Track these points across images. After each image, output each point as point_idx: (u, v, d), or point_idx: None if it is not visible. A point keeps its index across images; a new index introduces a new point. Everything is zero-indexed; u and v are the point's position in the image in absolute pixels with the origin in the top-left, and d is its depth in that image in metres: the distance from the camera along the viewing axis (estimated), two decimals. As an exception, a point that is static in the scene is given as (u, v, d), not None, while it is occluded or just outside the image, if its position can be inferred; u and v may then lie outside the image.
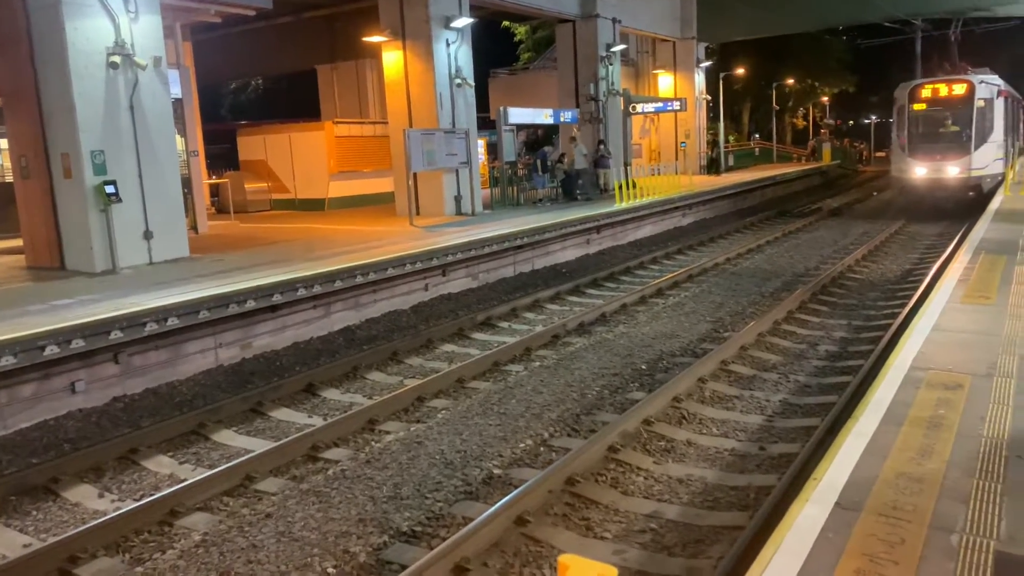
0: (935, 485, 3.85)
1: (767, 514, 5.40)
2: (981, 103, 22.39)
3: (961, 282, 9.03)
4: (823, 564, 3.17)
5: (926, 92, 23.18)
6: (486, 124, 29.14)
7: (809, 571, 3.12)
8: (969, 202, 22.36)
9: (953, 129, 22.85)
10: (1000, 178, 22.66)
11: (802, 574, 3.10)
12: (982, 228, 13.81)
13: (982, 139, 22.47)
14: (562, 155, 25.08)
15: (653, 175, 26.26)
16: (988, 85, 22.77)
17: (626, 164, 26.66)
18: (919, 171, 23.01)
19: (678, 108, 30.26)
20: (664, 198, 22.96)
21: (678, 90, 34.55)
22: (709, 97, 38.20)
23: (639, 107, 29.35)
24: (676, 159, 32.45)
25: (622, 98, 27.29)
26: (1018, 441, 4.35)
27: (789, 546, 3.30)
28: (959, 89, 22.79)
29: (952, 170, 22.58)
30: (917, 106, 23.25)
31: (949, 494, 3.75)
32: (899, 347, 6.42)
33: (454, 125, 19.50)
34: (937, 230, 21.46)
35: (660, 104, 31.22)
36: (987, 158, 22.58)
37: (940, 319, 7.29)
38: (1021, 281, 8.86)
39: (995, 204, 18.60)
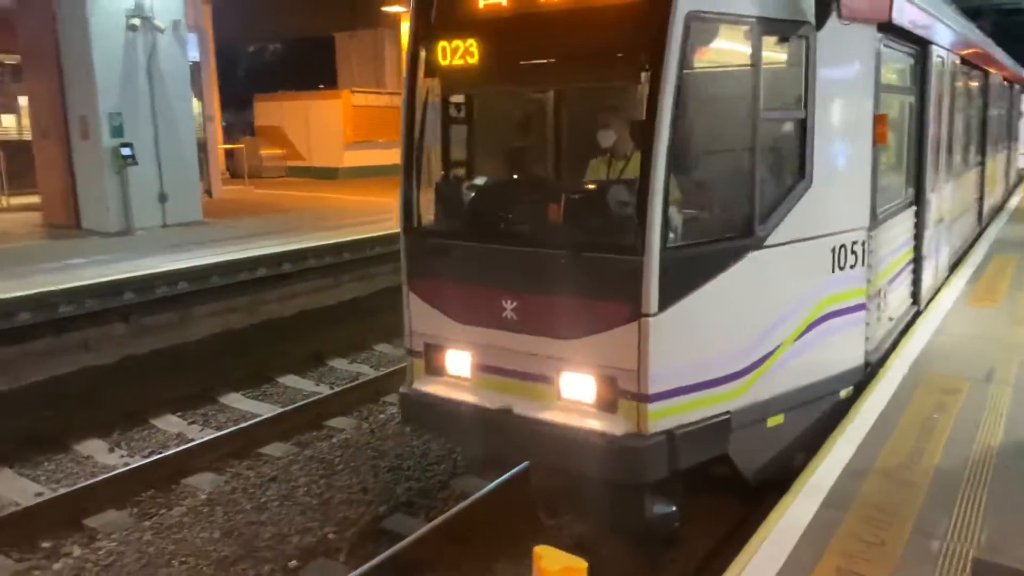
0: (922, 489, 3.95)
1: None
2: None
3: (970, 283, 9.06)
4: (805, 560, 3.29)
5: None
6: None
7: (792, 565, 3.25)
8: None
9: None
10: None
11: (785, 568, 3.23)
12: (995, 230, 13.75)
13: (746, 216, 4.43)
14: None
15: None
16: None
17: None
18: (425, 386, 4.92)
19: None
20: None
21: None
22: None
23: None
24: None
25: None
26: (1008, 450, 4.44)
27: (775, 540, 3.42)
28: None
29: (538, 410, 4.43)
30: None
31: (935, 499, 3.85)
32: (900, 348, 6.49)
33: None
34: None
35: None
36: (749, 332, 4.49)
37: (944, 321, 7.34)
38: (1028, 287, 8.78)
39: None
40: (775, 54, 4.66)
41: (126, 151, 12.48)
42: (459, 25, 4.67)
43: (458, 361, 4.79)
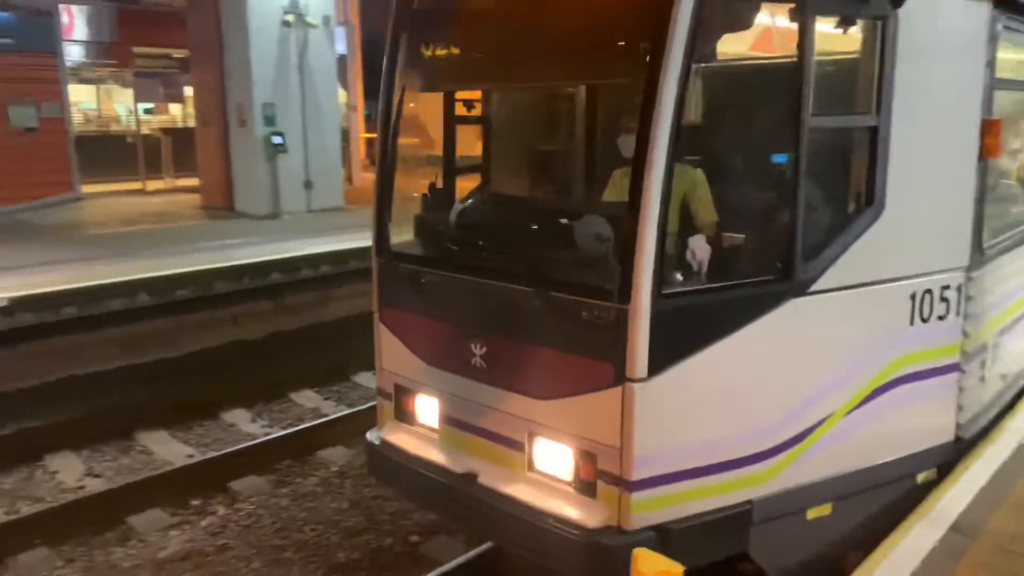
0: (1065, 520, 3.71)
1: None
2: None
3: None
4: (928, 583, 3.18)
5: None
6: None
7: (912, 588, 3.14)
8: None
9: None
10: None
11: (904, 590, 3.13)
12: None
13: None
14: None
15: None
16: None
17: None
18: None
19: None
20: None
21: None
22: None
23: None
24: None
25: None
26: None
27: (895, 561, 3.32)
28: None
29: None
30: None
31: (1079, 531, 3.61)
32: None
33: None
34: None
35: None
36: None
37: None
38: None
39: None
40: (833, 41, 3.70)
41: (277, 139, 13.33)
42: (444, 9, 3.97)
43: (427, 409, 4.10)
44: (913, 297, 3.84)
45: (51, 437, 6.81)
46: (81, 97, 20.27)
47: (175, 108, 21.36)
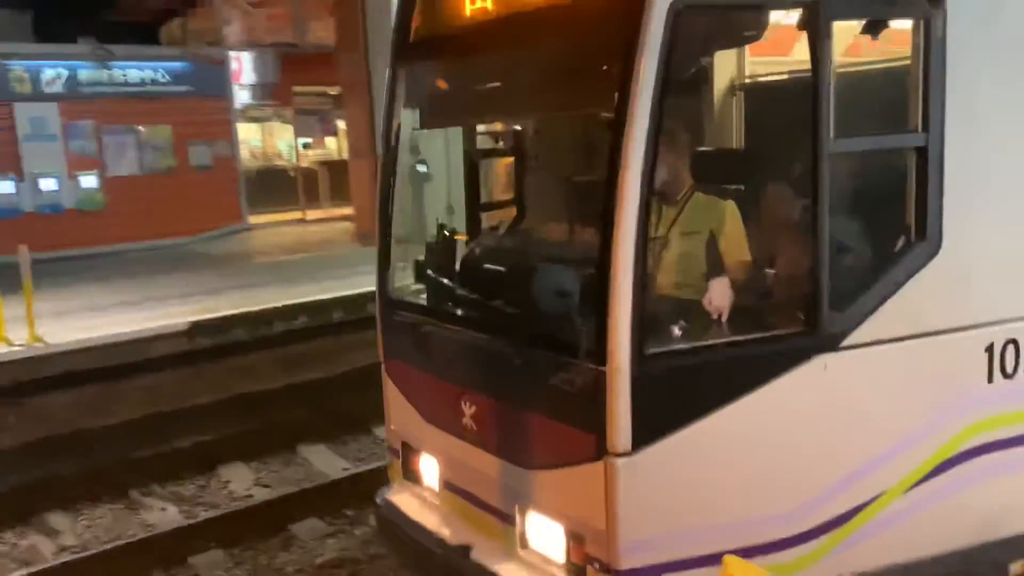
0: None
1: None
2: None
3: None
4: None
5: None
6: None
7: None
8: None
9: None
10: None
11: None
12: None
13: None
14: None
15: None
16: None
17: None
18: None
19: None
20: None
21: None
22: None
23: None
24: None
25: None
26: None
27: None
28: None
29: None
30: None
31: None
32: None
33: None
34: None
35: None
36: None
37: None
38: None
39: None
40: (866, 48, 3.20)
41: (422, 167, 13.94)
42: (435, 42, 3.74)
43: (429, 470, 3.85)
44: (990, 349, 3.20)
45: (224, 449, 7.43)
46: (248, 135, 22.04)
47: (331, 142, 22.77)
